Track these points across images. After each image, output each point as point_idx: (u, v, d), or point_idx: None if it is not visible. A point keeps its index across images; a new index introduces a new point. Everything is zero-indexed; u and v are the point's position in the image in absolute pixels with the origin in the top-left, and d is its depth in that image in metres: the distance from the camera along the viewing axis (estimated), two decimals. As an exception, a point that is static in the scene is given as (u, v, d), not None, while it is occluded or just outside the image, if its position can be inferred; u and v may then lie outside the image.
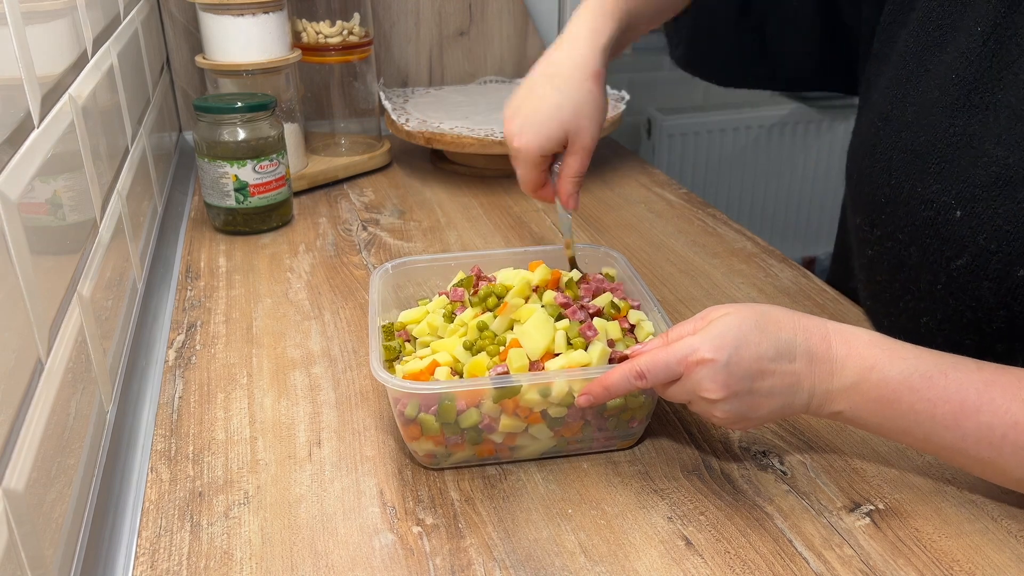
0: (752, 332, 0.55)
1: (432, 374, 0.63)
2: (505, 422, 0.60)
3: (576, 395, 0.60)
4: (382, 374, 0.59)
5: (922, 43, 0.70)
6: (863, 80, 0.79)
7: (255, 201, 1.01)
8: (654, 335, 0.66)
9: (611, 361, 0.63)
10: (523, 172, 0.75)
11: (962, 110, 0.64)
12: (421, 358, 0.64)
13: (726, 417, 0.57)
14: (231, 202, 1.01)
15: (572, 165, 0.73)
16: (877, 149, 0.70)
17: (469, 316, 0.67)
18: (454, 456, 0.62)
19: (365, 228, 1.06)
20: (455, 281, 0.73)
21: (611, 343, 0.64)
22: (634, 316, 0.68)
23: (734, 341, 0.55)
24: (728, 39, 0.91)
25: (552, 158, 0.75)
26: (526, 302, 0.66)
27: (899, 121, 0.69)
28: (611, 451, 0.65)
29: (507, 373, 0.60)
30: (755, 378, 0.55)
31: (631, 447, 0.66)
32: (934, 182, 0.65)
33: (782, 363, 0.55)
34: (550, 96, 0.72)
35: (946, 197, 0.64)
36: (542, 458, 0.64)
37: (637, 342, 0.65)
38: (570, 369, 0.61)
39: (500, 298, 0.67)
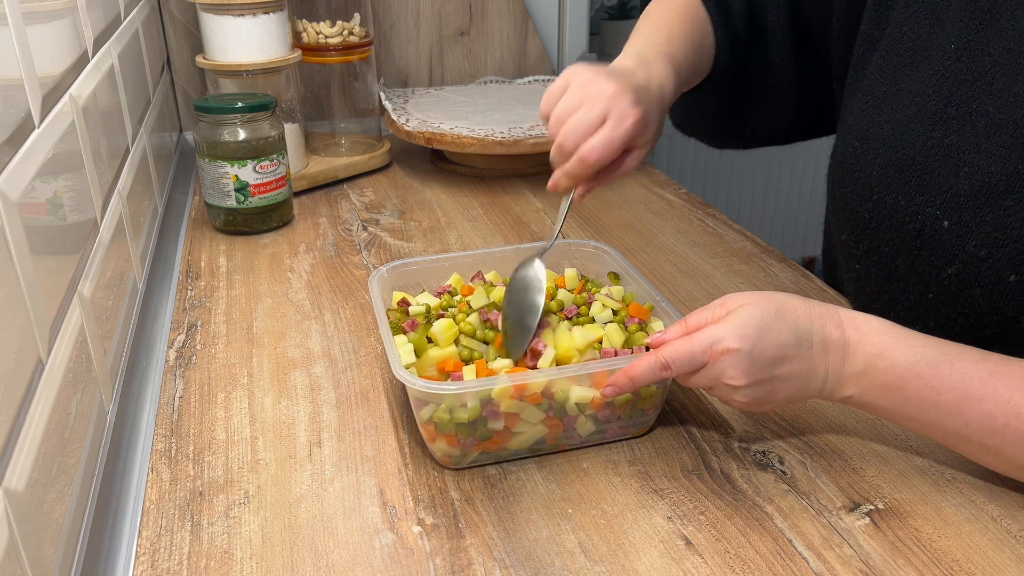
0: (773, 321, 0.57)
1: (448, 374, 0.63)
2: (507, 403, 0.60)
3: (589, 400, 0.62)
4: (403, 374, 0.60)
5: (894, 64, 0.71)
6: (840, 108, 0.80)
7: (255, 201, 1.01)
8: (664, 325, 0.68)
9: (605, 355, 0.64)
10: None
11: (939, 122, 0.65)
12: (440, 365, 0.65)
13: (746, 401, 0.59)
14: (231, 202, 1.01)
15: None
16: (856, 167, 0.72)
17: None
18: (471, 456, 0.62)
19: (365, 228, 1.06)
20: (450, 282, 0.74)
21: (615, 352, 0.64)
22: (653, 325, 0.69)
23: (756, 330, 0.57)
24: (718, 106, 0.91)
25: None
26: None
27: (876, 139, 0.70)
28: (621, 440, 0.65)
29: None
30: (775, 365, 0.57)
31: (644, 435, 0.66)
32: (917, 194, 0.66)
33: (800, 350, 0.57)
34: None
35: (931, 208, 0.65)
36: (543, 457, 0.64)
37: (647, 335, 0.66)
38: (595, 361, 0.63)
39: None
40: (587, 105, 0.67)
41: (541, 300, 0.66)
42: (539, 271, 0.68)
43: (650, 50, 0.77)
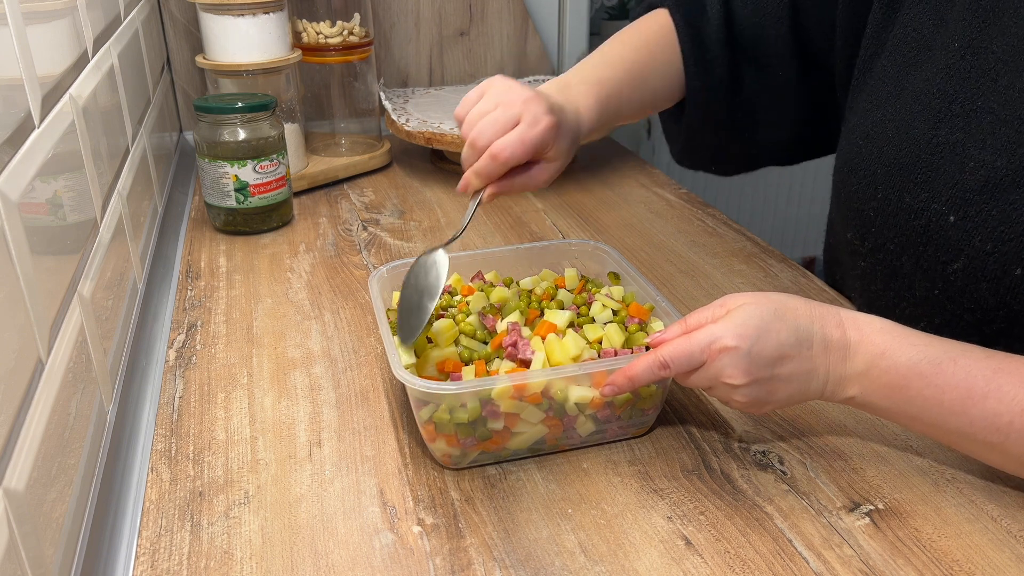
0: (772, 320, 0.57)
1: (448, 374, 0.64)
2: (507, 403, 0.60)
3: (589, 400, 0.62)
4: (403, 374, 0.60)
5: (898, 64, 0.71)
6: (845, 109, 0.80)
7: (255, 201, 1.01)
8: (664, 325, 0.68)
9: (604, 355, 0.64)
10: None
11: (944, 120, 0.66)
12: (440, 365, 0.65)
13: (746, 401, 0.59)
14: (231, 202, 1.01)
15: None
16: (861, 166, 0.72)
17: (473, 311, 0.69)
18: (470, 456, 0.62)
19: (365, 228, 1.06)
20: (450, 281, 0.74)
21: (615, 352, 0.64)
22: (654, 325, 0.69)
23: (756, 329, 0.57)
24: (719, 138, 0.92)
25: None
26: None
27: (880, 138, 0.70)
28: (621, 440, 0.65)
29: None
30: (775, 364, 0.57)
31: (644, 435, 0.66)
32: (922, 191, 0.66)
33: (800, 350, 0.57)
34: None
35: (936, 204, 0.65)
36: (543, 457, 0.64)
37: (647, 335, 0.66)
38: (595, 361, 0.63)
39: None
40: (502, 107, 0.69)
41: (440, 283, 0.65)
42: (441, 258, 0.67)
43: (577, 77, 0.78)
